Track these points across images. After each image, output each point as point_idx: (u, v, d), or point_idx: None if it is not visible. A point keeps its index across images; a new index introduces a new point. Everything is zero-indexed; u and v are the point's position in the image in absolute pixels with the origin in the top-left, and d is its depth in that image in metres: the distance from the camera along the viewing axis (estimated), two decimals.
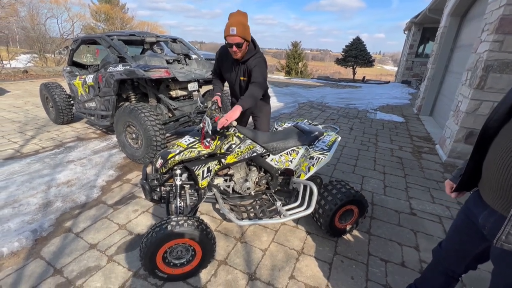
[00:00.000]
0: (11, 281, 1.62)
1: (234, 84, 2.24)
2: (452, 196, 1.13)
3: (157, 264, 1.54)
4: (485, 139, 0.93)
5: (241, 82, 2.18)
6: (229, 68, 2.17)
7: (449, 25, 5.79)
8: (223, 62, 2.19)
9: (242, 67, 2.10)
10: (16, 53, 21.19)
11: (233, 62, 2.12)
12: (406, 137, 4.78)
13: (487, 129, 0.92)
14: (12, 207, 2.29)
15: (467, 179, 1.02)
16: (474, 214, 0.99)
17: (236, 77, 2.17)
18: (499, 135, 0.87)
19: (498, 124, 0.88)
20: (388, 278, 1.74)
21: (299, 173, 1.92)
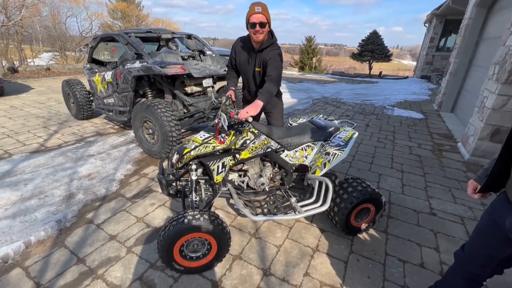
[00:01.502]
0: (38, 267, 1.71)
1: (248, 75, 2.22)
2: (475, 197, 1.08)
3: (174, 257, 1.57)
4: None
5: (256, 73, 2.16)
6: (245, 58, 2.16)
7: (474, 17, 5.47)
8: (239, 54, 2.18)
9: (259, 56, 2.07)
10: (39, 52, 22.18)
11: (250, 52, 2.10)
12: (426, 135, 4.61)
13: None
14: (38, 198, 2.42)
15: (494, 179, 0.97)
16: (501, 217, 0.94)
17: (252, 68, 2.15)
18: None
19: None
20: (407, 279, 1.70)
21: (314, 169, 1.89)
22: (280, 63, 2.05)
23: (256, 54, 2.08)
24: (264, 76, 2.03)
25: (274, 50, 2.02)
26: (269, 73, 1.97)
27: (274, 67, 1.98)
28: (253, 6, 1.88)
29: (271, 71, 1.97)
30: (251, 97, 2.33)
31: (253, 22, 1.88)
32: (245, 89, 2.40)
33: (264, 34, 1.95)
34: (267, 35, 2.00)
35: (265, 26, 1.91)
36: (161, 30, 3.84)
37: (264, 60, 2.04)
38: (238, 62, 2.22)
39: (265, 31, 1.93)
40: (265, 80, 1.96)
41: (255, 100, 1.79)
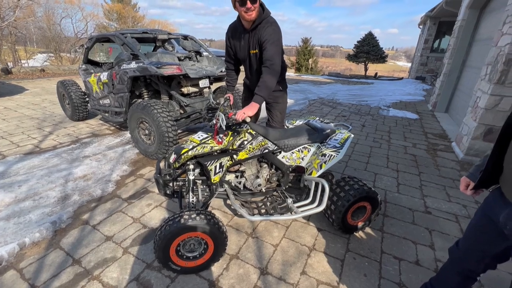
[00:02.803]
0: (33, 269, 1.69)
1: (245, 59, 2.09)
2: (468, 193, 1.10)
3: (170, 257, 1.57)
4: (508, 135, 0.89)
5: (252, 56, 2.00)
6: (239, 43, 2.02)
7: (467, 18, 5.57)
8: (233, 40, 2.07)
9: (252, 36, 1.92)
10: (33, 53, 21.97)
11: (242, 33, 1.96)
12: (421, 134, 4.66)
13: (509, 125, 0.88)
14: (32, 199, 2.39)
15: (488, 176, 0.99)
16: (495, 213, 0.96)
17: (246, 51, 2.01)
18: None
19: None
20: (402, 277, 1.71)
21: (310, 170, 1.90)
22: (278, 42, 1.86)
23: (249, 34, 1.93)
24: (261, 59, 1.90)
25: (269, 27, 1.84)
26: (265, 61, 1.82)
27: (270, 51, 1.81)
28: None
29: (267, 57, 1.81)
30: (250, 83, 2.24)
31: (242, 1, 1.73)
32: (246, 77, 2.30)
33: (256, 11, 1.79)
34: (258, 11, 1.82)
35: (256, 1, 1.75)
36: (157, 31, 3.83)
37: (259, 40, 1.87)
38: (234, 50, 2.11)
39: (256, 6, 1.77)
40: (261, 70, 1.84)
41: (251, 102, 1.77)
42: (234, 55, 2.18)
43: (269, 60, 1.83)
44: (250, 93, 2.26)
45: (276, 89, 2.20)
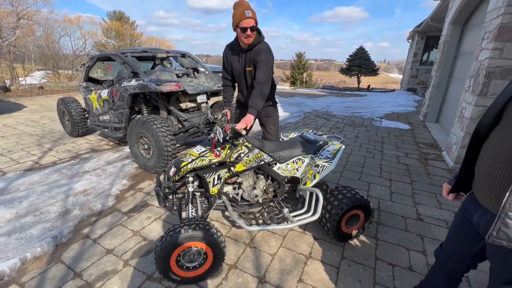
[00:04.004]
0: (35, 283, 1.72)
1: (240, 77, 2.28)
2: (449, 198, 1.20)
3: (171, 267, 1.62)
4: (476, 142, 1.00)
5: (247, 73, 2.22)
6: (236, 61, 2.23)
7: (451, 34, 5.88)
8: (230, 58, 2.26)
9: (248, 55, 2.14)
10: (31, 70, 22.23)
11: (239, 52, 2.18)
12: (412, 144, 4.80)
13: (478, 133, 1.00)
14: (33, 215, 2.43)
15: (462, 181, 1.09)
16: (470, 214, 1.05)
17: (243, 68, 2.21)
18: (490, 137, 0.95)
19: (489, 127, 0.96)
20: (396, 282, 1.77)
21: (305, 180, 2.00)
22: (270, 63, 2.10)
23: (245, 53, 2.16)
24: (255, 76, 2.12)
25: (263, 50, 2.08)
26: (258, 78, 2.06)
27: (263, 70, 2.05)
28: (242, 10, 1.93)
29: (260, 74, 2.05)
30: (244, 99, 2.41)
31: (244, 27, 1.95)
32: (239, 92, 2.45)
33: (254, 37, 2.03)
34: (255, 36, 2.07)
35: (254, 29, 2.00)
36: (156, 50, 4.00)
37: (254, 59, 2.10)
38: (231, 67, 2.30)
39: (254, 33, 2.03)
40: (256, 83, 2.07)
41: (247, 114, 1.92)
42: (230, 72, 2.36)
43: (261, 77, 2.07)
44: (244, 108, 2.40)
45: (267, 105, 2.42)
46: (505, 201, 0.81)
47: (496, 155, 0.88)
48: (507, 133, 0.87)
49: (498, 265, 0.96)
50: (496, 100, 0.96)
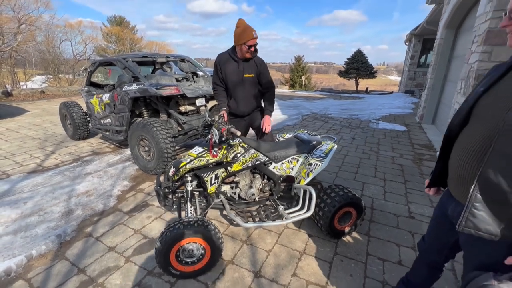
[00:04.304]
0: (41, 279, 1.80)
1: (237, 83, 2.49)
2: (430, 193, 1.29)
3: (170, 262, 1.70)
4: (449, 140, 1.09)
5: (245, 79, 2.48)
6: (233, 69, 2.45)
7: (445, 37, 6.00)
8: (225, 67, 2.46)
9: (248, 64, 2.45)
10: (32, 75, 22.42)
11: (236, 62, 2.43)
12: (408, 145, 4.89)
13: (450, 131, 1.09)
14: (38, 215, 2.51)
15: (438, 176, 1.18)
16: (446, 208, 1.14)
17: (241, 75, 2.45)
18: (460, 136, 1.04)
19: (459, 127, 1.05)
20: (386, 276, 1.85)
21: (299, 179, 2.09)
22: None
23: (244, 63, 2.44)
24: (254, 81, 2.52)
25: (262, 60, 2.53)
26: (269, 82, 2.57)
27: (268, 78, 2.56)
28: (251, 31, 2.26)
29: (269, 80, 2.57)
30: (238, 108, 2.58)
31: (251, 45, 2.29)
32: (233, 101, 2.60)
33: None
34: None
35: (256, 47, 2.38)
36: (157, 55, 4.12)
37: (256, 67, 2.48)
38: (225, 75, 2.48)
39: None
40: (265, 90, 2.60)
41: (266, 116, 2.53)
42: (223, 80, 2.54)
43: (271, 82, 2.61)
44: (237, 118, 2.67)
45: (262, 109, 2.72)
46: (471, 193, 0.90)
47: (464, 152, 0.97)
48: (474, 132, 0.96)
49: (469, 253, 1.04)
50: (465, 101, 1.06)
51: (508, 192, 0.81)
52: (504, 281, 0.88)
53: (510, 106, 0.82)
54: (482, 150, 0.89)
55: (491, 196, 0.86)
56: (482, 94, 0.98)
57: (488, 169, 0.85)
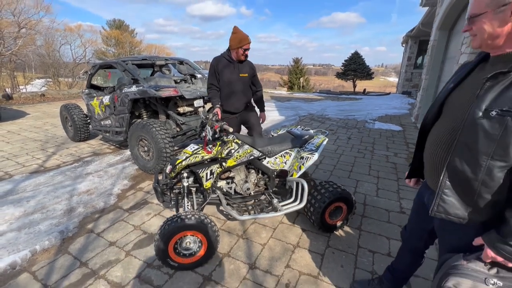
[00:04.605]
0: (45, 272, 1.88)
1: (234, 81, 2.73)
2: (410, 184, 1.38)
3: (169, 254, 1.78)
4: (423, 134, 1.19)
5: (241, 78, 2.75)
6: (229, 70, 2.69)
7: (438, 39, 6.13)
8: (222, 68, 2.69)
9: (243, 65, 2.75)
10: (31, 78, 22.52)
11: (233, 63, 2.69)
12: (402, 145, 4.99)
13: (424, 126, 1.18)
14: (40, 212, 2.59)
15: (415, 168, 1.27)
16: (423, 196, 1.23)
17: (237, 74, 2.72)
18: (432, 130, 1.13)
19: (432, 122, 1.14)
20: (375, 266, 1.94)
21: (292, 172, 2.18)
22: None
23: (238, 64, 2.73)
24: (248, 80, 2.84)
25: (252, 64, 2.88)
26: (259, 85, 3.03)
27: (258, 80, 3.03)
28: (246, 36, 2.58)
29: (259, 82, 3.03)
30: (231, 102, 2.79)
31: (246, 48, 2.62)
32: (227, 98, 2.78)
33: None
34: None
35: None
36: (156, 58, 4.22)
37: (249, 67, 2.82)
38: (221, 75, 2.70)
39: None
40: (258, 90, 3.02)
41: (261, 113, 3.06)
42: (219, 81, 2.76)
43: (260, 84, 3.03)
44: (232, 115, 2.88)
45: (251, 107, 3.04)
46: (441, 180, 0.99)
47: (435, 143, 1.06)
48: (443, 125, 1.05)
49: (442, 237, 1.13)
50: (437, 97, 1.15)
51: (472, 179, 0.90)
52: (472, 261, 0.97)
53: (472, 101, 0.91)
54: (450, 141, 0.98)
55: (458, 183, 0.95)
56: (451, 90, 1.07)
57: (454, 158, 0.94)
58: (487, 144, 0.84)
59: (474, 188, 0.91)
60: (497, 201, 0.88)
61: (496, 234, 0.88)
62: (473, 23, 0.91)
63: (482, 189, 0.88)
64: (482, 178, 0.87)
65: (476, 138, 0.86)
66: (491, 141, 0.83)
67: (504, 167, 0.83)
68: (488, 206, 0.90)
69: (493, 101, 0.83)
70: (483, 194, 0.89)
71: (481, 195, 0.89)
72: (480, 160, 0.86)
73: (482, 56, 1.02)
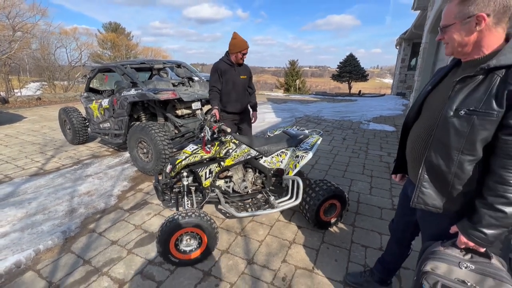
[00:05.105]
0: (49, 270, 1.95)
1: (237, 83, 2.91)
2: (396, 180, 1.48)
3: (170, 250, 1.86)
4: (405, 132, 1.29)
5: (241, 80, 2.95)
6: (231, 73, 2.86)
7: (429, 41, 6.30)
8: (225, 72, 2.84)
9: (242, 68, 2.94)
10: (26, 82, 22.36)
11: (234, 67, 2.87)
12: (396, 145, 5.10)
13: (406, 124, 1.28)
14: (42, 213, 2.65)
15: (399, 165, 1.37)
16: (407, 190, 1.33)
17: (238, 76, 2.91)
18: (412, 129, 1.23)
19: (412, 120, 1.24)
20: (367, 260, 2.03)
21: (287, 170, 2.27)
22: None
23: (238, 67, 2.92)
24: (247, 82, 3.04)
25: (248, 67, 3.05)
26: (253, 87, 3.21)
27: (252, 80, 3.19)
28: (244, 41, 2.76)
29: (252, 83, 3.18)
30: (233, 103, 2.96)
31: (244, 52, 2.79)
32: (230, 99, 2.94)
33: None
34: None
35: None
36: (154, 61, 4.30)
37: (246, 70, 3.01)
38: (224, 78, 2.86)
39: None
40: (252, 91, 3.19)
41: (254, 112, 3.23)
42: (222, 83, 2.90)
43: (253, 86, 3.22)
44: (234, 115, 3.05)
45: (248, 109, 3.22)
46: (419, 174, 1.09)
47: (415, 140, 1.16)
48: (422, 123, 1.15)
49: (423, 227, 1.23)
50: (417, 98, 1.25)
51: (446, 172, 1.00)
52: (448, 247, 1.07)
53: (445, 101, 1.01)
54: (427, 138, 1.08)
55: (434, 176, 1.05)
56: (429, 92, 1.18)
57: (431, 154, 1.04)
58: (458, 140, 0.94)
59: (448, 180, 1.01)
60: (468, 191, 0.98)
61: (468, 222, 0.98)
62: (445, 32, 1.01)
63: (455, 181, 0.98)
64: (455, 171, 0.97)
65: (448, 135, 0.96)
66: (461, 137, 0.93)
67: (473, 160, 0.94)
68: (461, 196, 1.00)
69: (462, 101, 0.94)
70: (456, 185, 0.99)
71: (454, 187, 0.99)
72: (452, 155, 0.96)
73: (455, 61, 1.13)
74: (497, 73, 0.90)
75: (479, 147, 0.92)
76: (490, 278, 0.95)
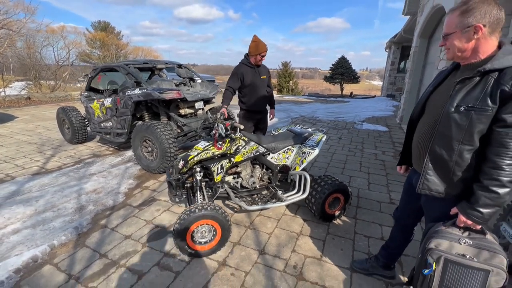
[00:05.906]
0: (67, 263, 2.00)
1: (257, 84, 3.02)
2: (401, 172, 1.63)
3: (187, 242, 1.95)
4: (411, 127, 1.44)
5: (261, 80, 3.08)
6: (252, 74, 2.99)
7: (419, 45, 6.59)
8: (246, 73, 2.96)
9: (261, 69, 3.07)
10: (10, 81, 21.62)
11: (254, 68, 2.99)
12: (389, 144, 5.34)
13: (412, 121, 1.43)
14: (52, 211, 2.68)
15: (405, 156, 1.52)
16: (412, 179, 1.48)
17: (259, 77, 3.04)
18: (418, 125, 1.38)
19: (417, 117, 1.40)
20: (370, 248, 2.18)
21: (294, 166, 2.40)
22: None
23: (257, 68, 3.03)
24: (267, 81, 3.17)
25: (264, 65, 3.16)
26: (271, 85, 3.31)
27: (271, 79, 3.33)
28: (263, 44, 2.86)
29: (271, 82, 3.30)
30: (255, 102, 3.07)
31: (264, 54, 2.91)
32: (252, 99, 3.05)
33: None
34: None
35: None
36: (156, 61, 4.36)
37: (265, 70, 3.15)
38: (246, 80, 2.96)
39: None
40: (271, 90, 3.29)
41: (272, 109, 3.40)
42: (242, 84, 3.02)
43: (271, 85, 3.33)
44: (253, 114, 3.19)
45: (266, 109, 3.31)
46: (424, 163, 1.24)
47: (421, 135, 1.31)
48: (426, 120, 1.30)
49: (427, 210, 1.38)
50: (420, 98, 1.41)
51: (448, 160, 1.15)
52: (449, 226, 1.22)
53: (447, 100, 1.16)
54: (431, 132, 1.23)
55: (438, 164, 1.20)
56: (431, 92, 1.33)
57: (434, 145, 1.19)
58: (458, 132, 1.09)
59: (450, 167, 1.16)
60: (467, 177, 1.13)
61: (466, 203, 1.13)
62: (447, 39, 1.16)
63: (456, 168, 1.13)
64: (455, 159, 1.12)
65: (450, 128, 1.11)
66: (461, 130, 1.08)
67: (471, 150, 1.09)
68: (460, 182, 1.15)
69: (461, 99, 1.09)
70: (457, 172, 1.14)
71: (455, 173, 1.14)
72: (454, 145, 1.11)
73: (454, 65, 1.29)
74: (492, 75, 1.05)
75: (476, 138, 1.08)
76: (485, 251, 1.10)
